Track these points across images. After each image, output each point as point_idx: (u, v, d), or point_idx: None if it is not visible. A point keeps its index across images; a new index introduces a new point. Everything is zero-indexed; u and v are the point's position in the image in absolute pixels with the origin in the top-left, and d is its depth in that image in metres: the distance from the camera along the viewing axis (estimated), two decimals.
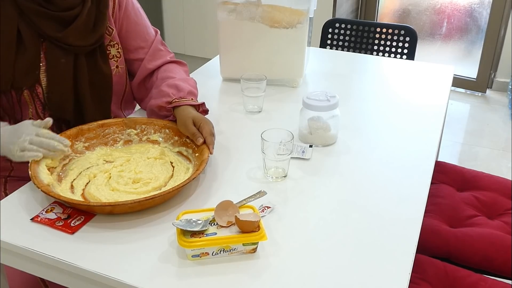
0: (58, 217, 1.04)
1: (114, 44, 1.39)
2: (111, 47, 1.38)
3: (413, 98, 1.65)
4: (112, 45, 1.38)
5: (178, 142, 1.29)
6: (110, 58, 1.38)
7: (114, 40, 1.38)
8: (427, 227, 1.41)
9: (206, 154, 1.17)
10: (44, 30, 1.24)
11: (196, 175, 1.10)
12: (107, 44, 1.37)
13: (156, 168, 1.21)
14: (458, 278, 1.27)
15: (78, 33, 1.27)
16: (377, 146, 1.37)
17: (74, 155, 1.22)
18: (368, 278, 0.91)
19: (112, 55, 1.38)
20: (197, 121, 1.25)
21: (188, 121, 1.25)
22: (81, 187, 1.15)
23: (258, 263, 0.94)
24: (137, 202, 1.02)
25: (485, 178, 1.67)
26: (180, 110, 1.30)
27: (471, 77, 3.64)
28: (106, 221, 1.04)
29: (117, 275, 0.91)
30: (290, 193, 1.16)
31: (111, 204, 1.03)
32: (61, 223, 1.02)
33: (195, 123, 1.25)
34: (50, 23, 1.24)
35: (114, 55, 1.39)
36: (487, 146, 3.00)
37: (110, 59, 1.38)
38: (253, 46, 1.66)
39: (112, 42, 1.38)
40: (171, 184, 1.15)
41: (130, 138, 1.32)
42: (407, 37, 2.29)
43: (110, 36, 1.37)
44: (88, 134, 1.26)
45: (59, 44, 1.26)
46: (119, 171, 1.19)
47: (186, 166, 1.22)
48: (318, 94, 1.33)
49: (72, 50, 1.29)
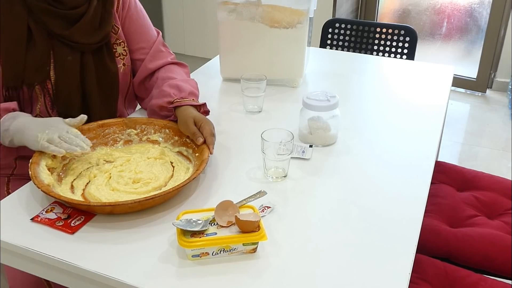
0: (58, 217, 1.04)
1: (120, 42, 1.40)
2: (117, 46, 1.40)
3: (413, 98, 1.65)
4: (118, 43, 1.40)
5: (178, 142, 1.29)
6: (116, 56, 1.39)
7: (120, 38, 1.40)
8: (427, 227, 1.41)
9: (206, 154, 1.17)
10: (51, 28, 1.26)
11: (196, 175, 1.10)
12: (113, 43, 1.38)
13: (156, 168, 1.21)
14: (458, 278, 1.27)
15: (84, 31, 1.29)
16: (377, 146, 1.37)
17: (74, 155, 1.22)
18: (368, 278, 0.91)
19: (118, 53, 1.40)
20: (198, 121, 1.25)
21: (189, 120, 1.25)
22: (81, 187, 1.15)
23: (258, 263, 0.94)
24: (137, 202, 1.02)
25: (485, 178, 1.67)
26: (181, 110, 1.30)
27: (471, 77, 3.64)
28: (106, 221, 1.04)
29: (117, 275, 0.91)
30: (290, 193, 1.16)
31: (112, 204, 1.03)
32: (61, 223, 1.03)
33: (196, 123, 1.25)
34: (57, 21, 1.26)
35: (120, 53, 1.41)
36: (487, 146, 3.00)
37: (117, 57, 1.40)
38: (253, 46, 1.66)
39: (118, 40, 1.39)
40: (171, 184, 1.16)
41: (130, 138, 1.32)
42: (407, 37, 2.29)
43: (116, 34, 1.39)
44: (89, 134, 1.26)
45: (66, 42, 1.28)
46: (119, 171, 1.19)
47: (186, 166, 1.22)
48: (318, 94, 1.33)
49: (78, 48, 1.30)
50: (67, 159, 1.20)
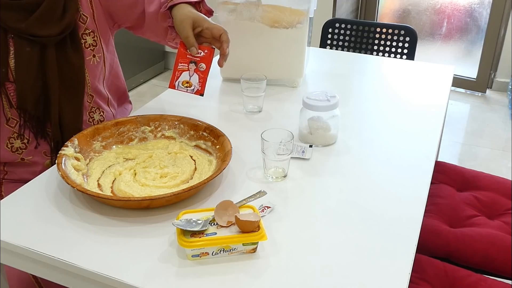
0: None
1: (90, 32, 1.31)
2: (87, 36, 1.30)
3: (413, 98, 1.65)
4: (87, 33, 1.30)
5: (194, 137, 1.30)
6: (86, 47, 1.31)
7: (89, 28, 1.31)
8: (427, 227, 1.41)
9: (229, 146, 1.19)
10: (5, 22, 1.16)
11: (225, 165, 1.12)
12: (82, 33, 1.29)
13: (179, 162, 1.23)
14: (458, 278, 1.27)
15: (42, 22, 1.19)
16: (377, 146, 1.37)
17: (93, 155, 1.24)
18: (368, 278, 0.91)
19: (88, 44, 1.31)
20: (197, 22, 1.11)
21: (185, 21, 1.12)
22: (109, 184, 1.16)
23: (258, 263, 0.94)
24: (175, 195, 1.04)
25: (485, 178, 1.67)
26: (177, 10, 1.17)
27: (471, 77, 3.64)
28: (106, 221, 1.04)
29: (117, 275, 0.91)
30: (290, 193, 1.16)
31: (151, 198, 1.05)
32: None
33: (194, 25, 1.13)
34: (12, 14, 1.17)
35: (90, 44, 1.32)
36: (487, 146, 3.00)
37: (87, 48, 1.31)
38: (253, 46, 1.66)
39: (87, 30, 1.30)
40: (197, 177, 1.18)
41: (145, 135, 1.33)
42: (407, 37, 2.29)
43: (85, 24, 1.30)
44: (104, 133, 1.27)
45: (23, 36, 1.18)
46: (143, 167, 1.21)
47: (207, 159, 1.24)
48: (318, 94, 1.33)
49: (38, 41, 1.20)
50: (87, 159, 1.22)
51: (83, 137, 1.23)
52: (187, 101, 1.54)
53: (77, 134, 1.23)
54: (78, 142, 1.21)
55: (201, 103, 1.56)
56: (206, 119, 1.34)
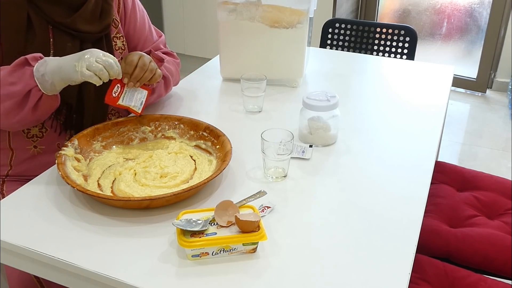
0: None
1: (120, 36, 1.41)
2: (117, 39, 1.40)
3: (413, 98, 1.65)
4: (118, 37, 1.40)
5: (194, 137, 1.31)
6: (116, 49, 1.40)
7: (120, 32, 1.40)
8: (427, 227, 1.41)
9: (229, 146, 1.20)
10: (52, 16, 1.24)
11: (225, 165, 1.13)
12: (113, 36, 1.39)
13: (179, 162, 1.23)
14: (458, 278, 1.27)
15: (85, 19, 1.28)
16: (377, 146, 1.37)
17: (93, 155, 1.24)
18: (368, 278, 0.91)
19: (118, 46, 1.40)
20: (131, 54, 1.29)
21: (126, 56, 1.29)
22: (109, 185, 1.16)
23: (258, 263, 0.94)
24: (175, 195, 1.04)
25: (485, 178, 1.67)
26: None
27: (471, 77, 3.64)
28: (106, 221, 1.04)
29: (117, 275, 0.91)
30: (290, 193, 1.16)
31: (151, 198, 1.05)
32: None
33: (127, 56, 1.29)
34: (58, 9, 1.25)
35: (120, 47, 1.41)
36: (487, 146, 3.00)
37: (116, 50, 1.40)
38: (253, 46, 1.66)
39: (118, 34, 1.40)
40: (197, 177, 1.18)
41: (145, 135, 1.33)
42: (407, 37, 2.29)
43: (117, 28, 1.39)
44: (104, 133, 1.28)
45: (67, 30, 1.27)
46: (143, 167, 1.21)
47: (207, 159, 1.24)
48: (318, 94, 1.33)
49: (79, 36, 1.29)
50: (87, 159, 1.22)
51: (83, 137, 1.23)
52: (187, 101, 1.54)
53: (76, 133, 1.23)
54: (78, 142, 1.21)
55: (201, 103, 1.56)
56: (206, 119, 1.34)
